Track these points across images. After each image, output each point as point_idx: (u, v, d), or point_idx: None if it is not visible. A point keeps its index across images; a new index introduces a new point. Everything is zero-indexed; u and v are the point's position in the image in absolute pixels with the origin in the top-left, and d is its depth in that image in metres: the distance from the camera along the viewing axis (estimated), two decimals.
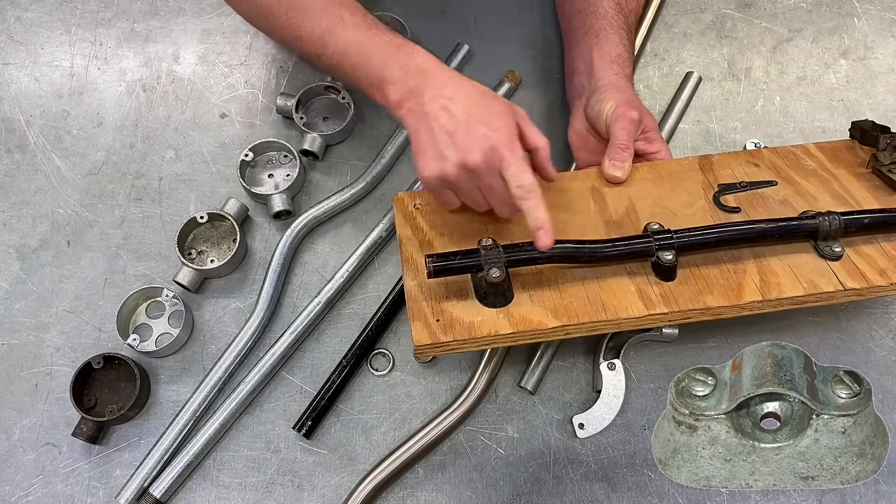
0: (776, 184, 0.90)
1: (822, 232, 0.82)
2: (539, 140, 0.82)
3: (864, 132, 0.92)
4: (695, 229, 0.82)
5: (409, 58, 0.81)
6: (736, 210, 0.87)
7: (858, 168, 0.91)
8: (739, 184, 0.89)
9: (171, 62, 1.14)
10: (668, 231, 0.81)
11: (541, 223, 0.76)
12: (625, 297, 0.80)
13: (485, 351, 0.94)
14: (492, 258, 0.78)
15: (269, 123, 1.10)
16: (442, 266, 0.78)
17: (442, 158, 0.78)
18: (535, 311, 0.80)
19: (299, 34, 0.87)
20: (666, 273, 0.81)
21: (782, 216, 0.84)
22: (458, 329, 0.79)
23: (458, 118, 0.77)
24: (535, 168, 0.83)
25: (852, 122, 0.94)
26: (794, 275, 0.82)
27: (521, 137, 0.81)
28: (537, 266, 0.82)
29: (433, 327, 0.79)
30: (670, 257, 0.80)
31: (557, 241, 0.78)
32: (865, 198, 0.88)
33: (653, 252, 0.81)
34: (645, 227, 0.84)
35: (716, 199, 0.88)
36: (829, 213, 0.82)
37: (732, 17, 1.16)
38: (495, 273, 0.77)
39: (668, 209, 0.88)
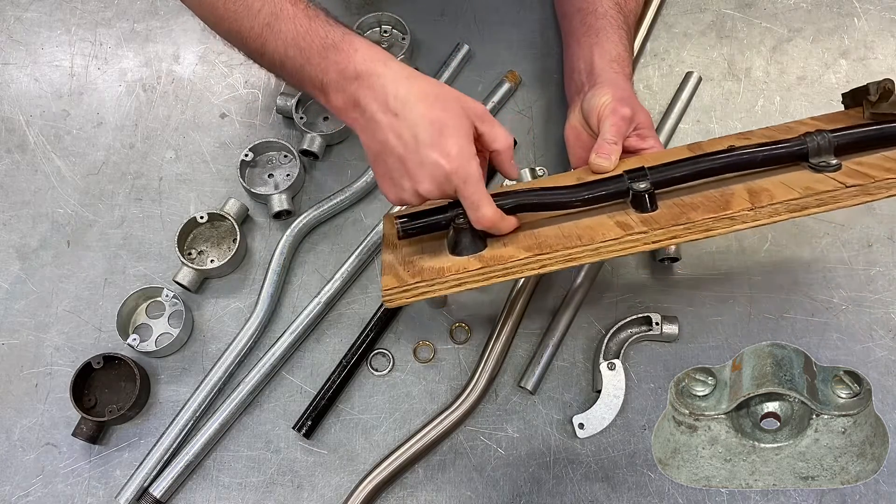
0: None
1: (812, 151, 0.76)
2: (498, 141, 0.80)
3: (856, 92, 0.89)
4: (673, 163, 0.78)
5: (347, 59, 0.76)
6: None
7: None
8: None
9: (171, 62, 1.14)
10: (642, 168, 0.78)
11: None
12: (601, 227, 0.77)
13: (484, 350, 0.94)
14: (462, 207, 0.77)
15: (269, 123, 1.10)
16: (411, 226, 0.78)
17: (399, 187, 0.78)
18: (507, 250, 0.77)
19: (239, 29, 0.80)
20: (645, 203, 0.77)
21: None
22: (426, 273, 0.77)
23: (408, 142, 0.75)
24: (497, 168, 0.83)
25: (842, 94, 0.91)
26: (787, 187, 0.75)
27: (479, 139, 0.79)
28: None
29: (401, 273, 0.78)
30: (644, 185, 0.77)
31: (528, 190, 0.77)
32: None
33: (626, 188, 0.78)
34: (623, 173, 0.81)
35: None
36: (818, 131, 0.77)
37: (732, 17, 1.16)
38: (463, 220, 0.77)
39: None
